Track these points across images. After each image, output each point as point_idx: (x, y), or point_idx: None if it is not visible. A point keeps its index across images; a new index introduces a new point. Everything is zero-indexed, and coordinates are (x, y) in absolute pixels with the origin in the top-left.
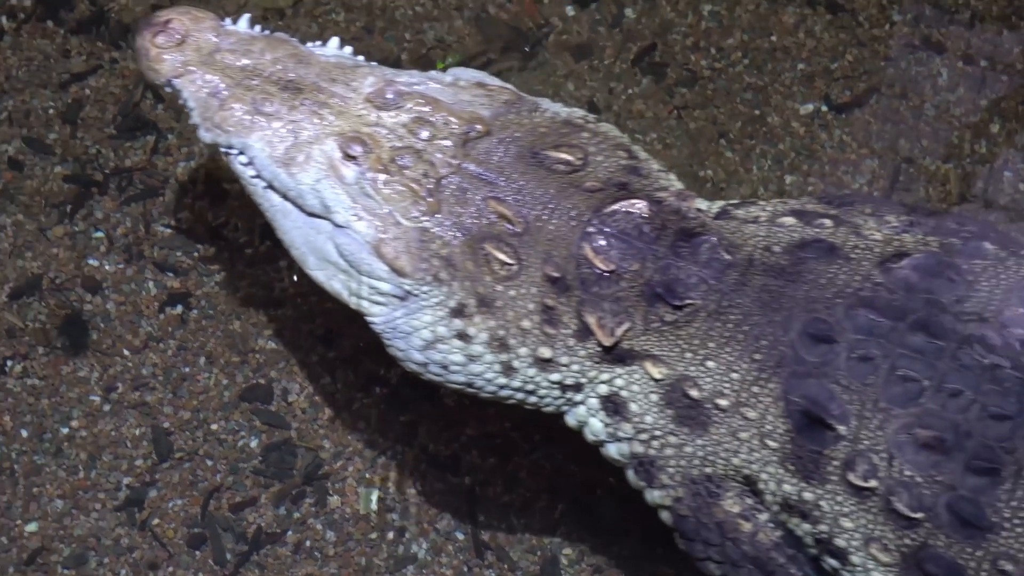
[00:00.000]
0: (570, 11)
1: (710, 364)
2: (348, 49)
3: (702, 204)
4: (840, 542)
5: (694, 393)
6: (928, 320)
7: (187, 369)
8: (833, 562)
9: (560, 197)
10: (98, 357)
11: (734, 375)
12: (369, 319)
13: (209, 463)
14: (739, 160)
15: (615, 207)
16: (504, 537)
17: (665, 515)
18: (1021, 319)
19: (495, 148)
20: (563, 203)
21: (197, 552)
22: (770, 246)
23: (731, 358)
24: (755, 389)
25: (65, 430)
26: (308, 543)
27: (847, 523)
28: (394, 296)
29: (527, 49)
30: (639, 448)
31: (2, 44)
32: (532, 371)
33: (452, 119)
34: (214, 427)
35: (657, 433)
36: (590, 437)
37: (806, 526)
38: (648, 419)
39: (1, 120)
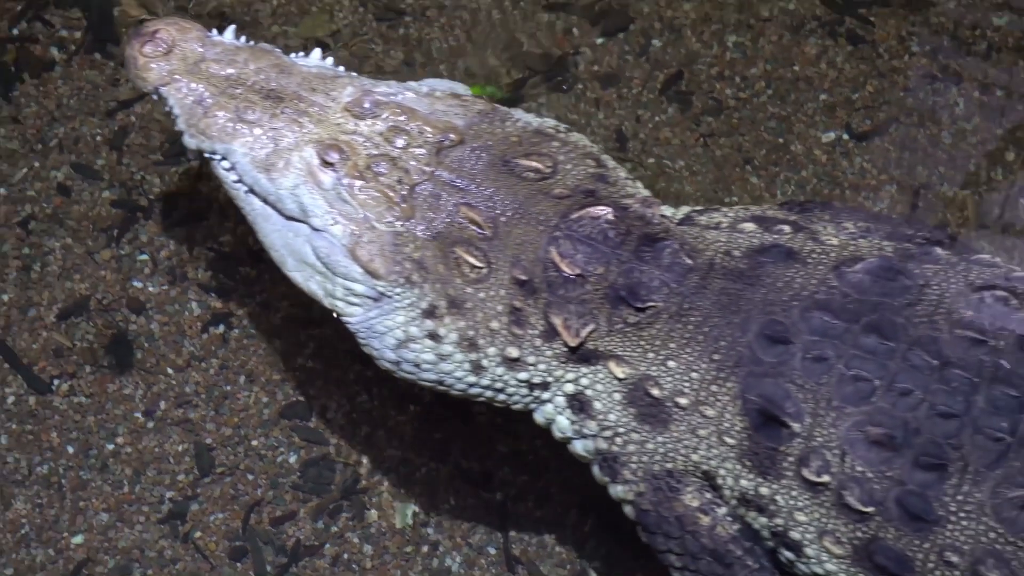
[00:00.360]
0: (599, 41)
1: (671, 364)
2: (330, 60)
3: (667, 211)
4: (795, 535)
5: (655, 392)
6: (880, 322)
7: (228, 387)
8: (788, 554)
9: (529, 203)
10: (143, 375)
11: (694, 374)
12: (344, 319)
13: (250, 478)
14: (764, 186)
15: (581, 213)
16: (535, 551)
17: (628, 509)
18: (969, 321)
19: (468, 156)
20: (532, 209)
21: (238, 564)
22: (730, 251)
23: (691, 358)
24: (714, 388)
25: (111, 446)
26: (346, 556)
27: (801, 517)
28: (368, 297)
29: (557, 78)
30: (603, 445)
31: (53, 74)
32: (501, 370)
33: (427, 128)
34: (255, 443)
35: (620, 430)
36: (557, 434)
37: (763, 520)
38: (612, 417)
39: (51, 147)
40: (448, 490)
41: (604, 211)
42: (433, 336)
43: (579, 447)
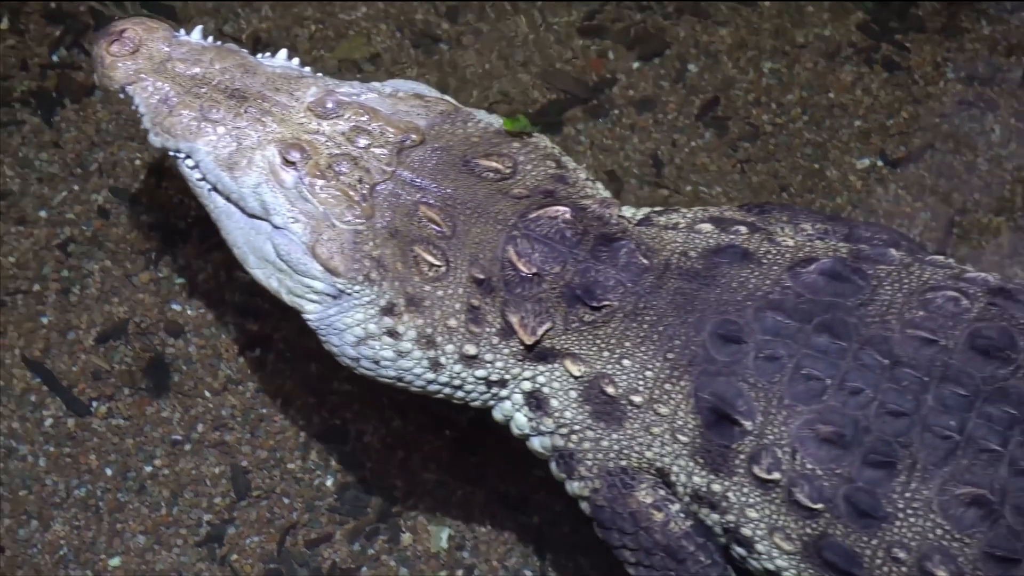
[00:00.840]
0: (635, 66)
1: (626, 362)
2: (295, 61)
3: (628, 211)
4: (746, 531)
5: (610, 390)
6: (832, 322)
7: (265, 410)
8: (740, 550)
9: (488, 203)
10: (180, 398)
11: (648, 373)
12: (305, 316)
13: (286, 501)
14: None
15: (539, 213)
16: (571, 574)
17: (584, 505)
18: (920, 321)
19: (429, 156)
20: (490, 208)
21: None
22: (687, 251)
23: (646, 357)
24: (667, 386)
25: (148, 468)
26: None
27: (752, 513)
28: (328, 294)
29: (593, 103)
30: (560, 442)
31: (93, 99)
32: (458, 367)
33: (389, 128)
34: (291, 466)
35: (576, 427)
36: (515, 431)
37: (715, 516)
38: (568, 414)
39: (91, 171)
40: (484, 513)
41: (562, 211)
42: (392, 333)
43: (536, 444)
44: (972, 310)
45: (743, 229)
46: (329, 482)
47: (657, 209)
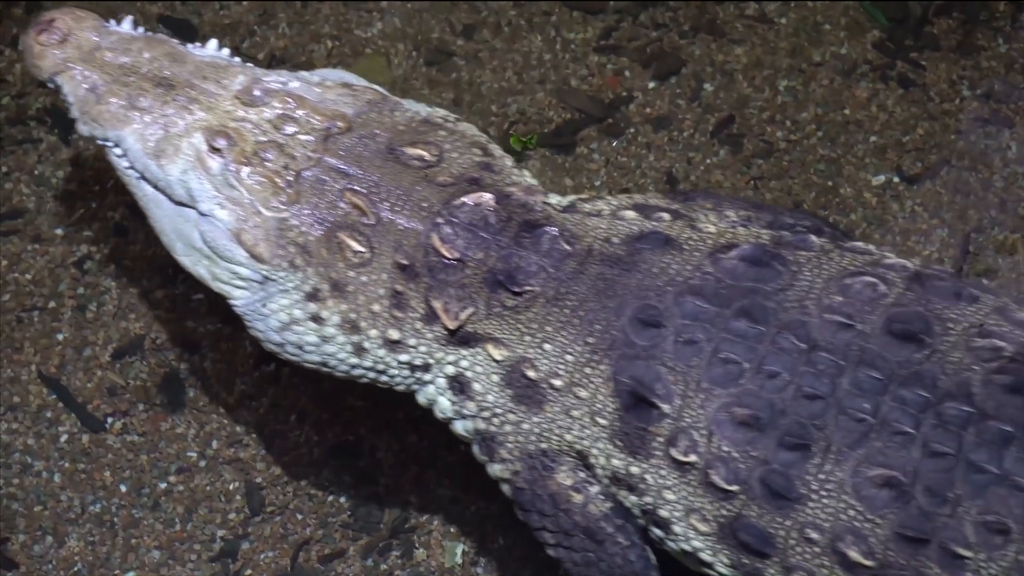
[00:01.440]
0: (651, 84)
1: (547, 347)
2: (225, 51)
3: (553, 199)
4: (663, 513)
5: (531, 374)
6: (751, 307)
7: (279, 426)
8: (658, 531)
9: (413, 190)
10: (195, 414)
11: (568, 357)
12: (231, 302)
13: (299, 517)
14: None
15: (464, 200)
16: None
17: (505, 488)
18: (838, 306)
19: (355, 144)
20: (415, 196)
21: None
22: (610, 238)
23: (566, 341)
24: (587, 370)
25: (163, 484)
26: None
27: (670, 495)
28: (253, 281)
29: (608, 121)
30: (482, 425)
31: None
32: (382, 352)
33: (315, 116)
34: (304, 482)
35: (498, 411)
36: (439, 415)
37: (633, 498)
38: (490, 398)
39: (108, 189)
40: (498, 529)
41: (486, 198)
42: (316, 319)
43: (459, 427)
44: (890, 295)
45: (666, 216)
46: (343, 498)
47: (584, 196)
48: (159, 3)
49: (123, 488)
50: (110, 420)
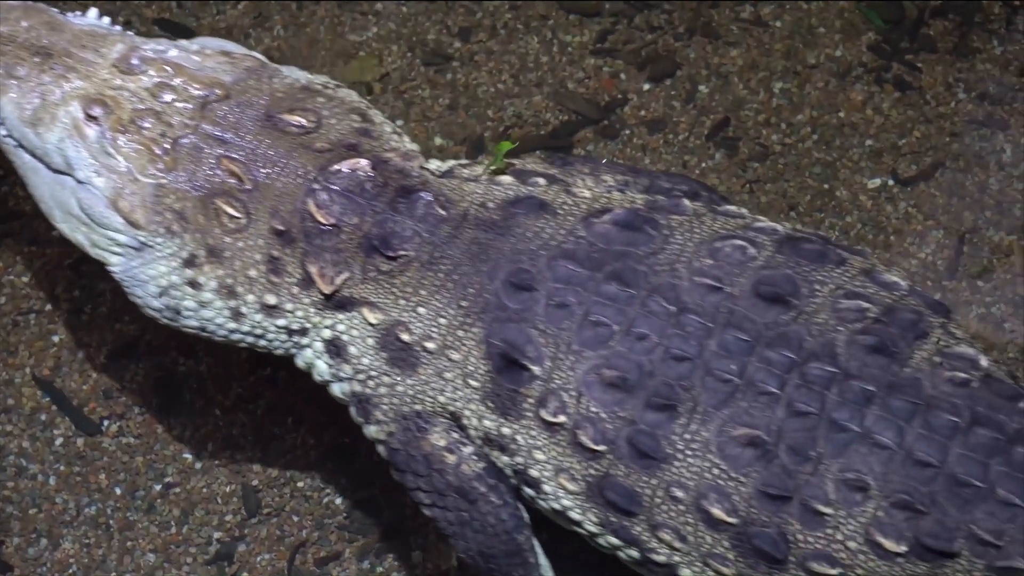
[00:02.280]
0: (646, 87)
1: (421, 310)
2: (106, 20)
3: (433, 164)
4: (534, 472)
5: (405, 337)
6: (622, 270)
7: (276, 429)
8: (529, 491)
9: (289, 157)
10: (191, 417)
11: (442, 320)
12: (109, 268)
13: (296, 519)
14: None
15: (340, 166)
16: None
17: (381, 449)
18: (707, 269)
19: (232, 111)
20: (292, 162)
21: None
22: (485, 202)
23: (440, 305)
24: (460, 333)
25: (159, 487)
26: None
27: (540, 455)
28: (130, 247)
29: (604, 123)
30: (358, 387)
31: None
32: (259, 316)
33: (193, 84)
34: (300, 484)
35: (373, 374)
36: (317, 378)
37: (505, 458)
38: (365, 361)
39: None
40: None
41: (362, 164)
42: (193, 284)
43: (336, 390)
44: (759, 258)
45: (542, 181)
46: (339, 500)
47: (464, 162)
48: (155, 4)
49: (118, 491)
50: (105, 423)
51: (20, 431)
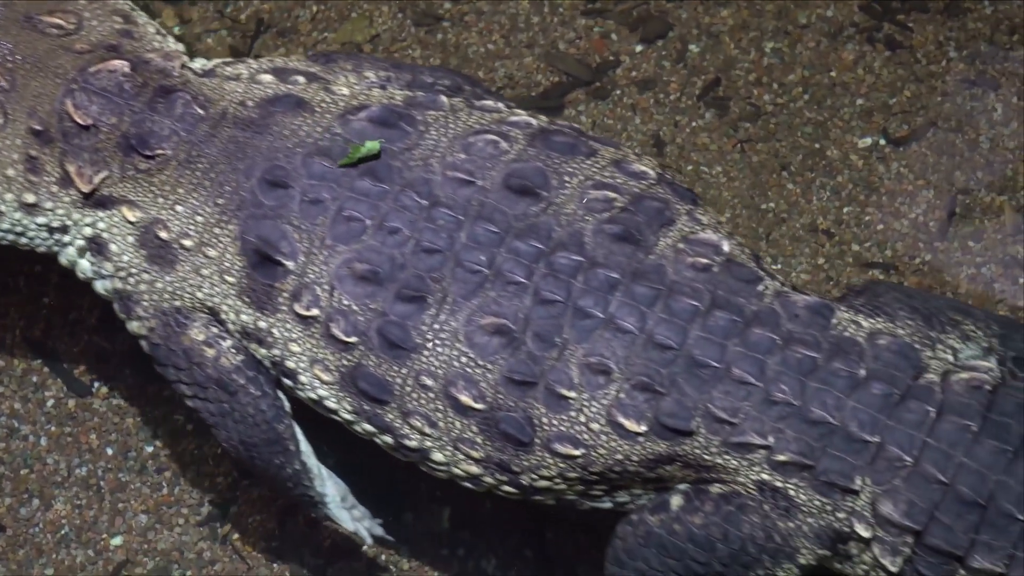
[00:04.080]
0: (637, 47)
1: (179, 208)
2: None
3: (197, 64)
4: (290, 364)
5: (163, 235)
6: (376, 166)
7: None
8: (288, 381)
9: (48, 58)
10: None
11: (199, 218)
12: None
13: None
14: (800, 192)
15: (99, 67)
16: (571, 553)
17: (143, 344)
18: (460, 163)
19: None
20: (51, 63)
21: (275, 566)
22: (245, 101)
23: (197, 203)
24: (216, 231)
25: (150, 448)
26: (383, 558)
27: (295, 347)
28: None
29: (596, 84)
30: (119, 284)
31: None
32: (19, 215)
33: None
34: None
35: (133, 271)
36: (80, 276)
37: (263, 351)
38: (125, 258)
39: None
40: (484, 494)
41: (120, 64)
42: None
43: (99, 287)
44: (511, 152)
45: (301, 79)
46: (330, 461)
47: (228, 60)
48: None
49: (109, 452)
50: (96, 384)
51: (12, 392)
